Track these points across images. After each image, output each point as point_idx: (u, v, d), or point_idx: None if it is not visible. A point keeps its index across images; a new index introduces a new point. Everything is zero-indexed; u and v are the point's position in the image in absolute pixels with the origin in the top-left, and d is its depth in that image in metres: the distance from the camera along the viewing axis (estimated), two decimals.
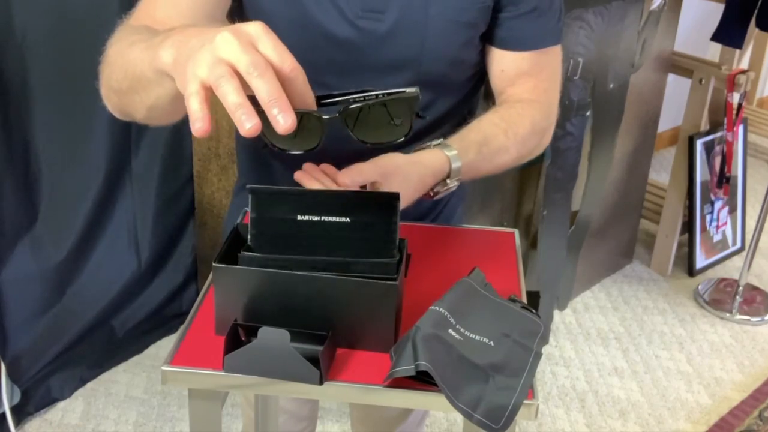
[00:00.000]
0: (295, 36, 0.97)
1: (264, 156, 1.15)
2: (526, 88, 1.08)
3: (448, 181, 0.97)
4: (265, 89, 0.63)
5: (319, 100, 0.77)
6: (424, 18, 0.99)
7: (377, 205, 0.84)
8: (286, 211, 0.84)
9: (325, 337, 0.80)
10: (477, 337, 0.81)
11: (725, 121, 2.70)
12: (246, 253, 0.84)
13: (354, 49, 0.99)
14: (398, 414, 1.36)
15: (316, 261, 0.83)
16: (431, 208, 1.18)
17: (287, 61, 0.66)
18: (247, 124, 0.63)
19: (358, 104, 0.78)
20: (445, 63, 1.02)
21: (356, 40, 0.99)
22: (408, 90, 0.79)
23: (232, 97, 0.63)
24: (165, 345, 2.37)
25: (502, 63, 1.07)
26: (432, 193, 0.98)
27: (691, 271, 2.93)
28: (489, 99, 1.15)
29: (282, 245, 0.84)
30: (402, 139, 0.81)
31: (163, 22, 0.89)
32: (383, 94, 0.78)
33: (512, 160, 1.08)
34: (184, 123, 2.41)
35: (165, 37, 0.72)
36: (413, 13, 0.98)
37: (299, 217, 0.84)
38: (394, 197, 0.84)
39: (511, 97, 1.08)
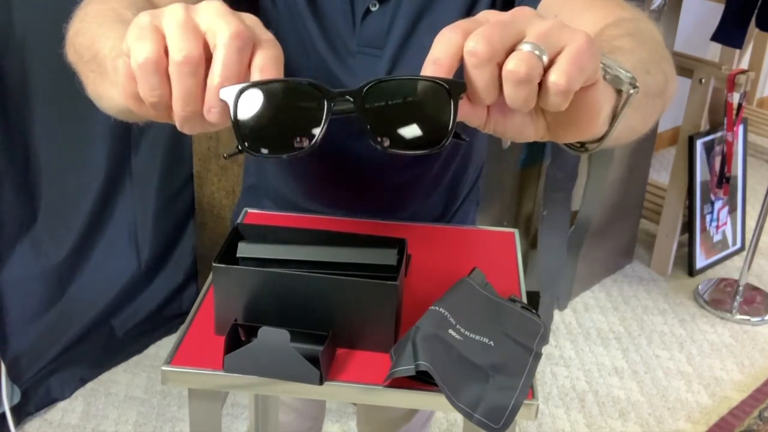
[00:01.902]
0: (302, 61, 0.96)
1: (270, 165, 1.13)
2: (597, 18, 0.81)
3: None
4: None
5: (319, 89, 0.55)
6: (422, 53, 0.96)
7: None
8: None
9: (325, 337, 0.80)
10: (477, 337, 0.81)
11: (725, 121, 2.70)
12: (245, 250, 0.84)
13: (351, 83, 0.96)
14: (403, 414, 1.35)
15: (316, 261, 0.83)
16: (442, 213, 1.17)
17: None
18: (140, 58, 0.51)
19: (382, 85, 0.54)
20: None
21: (355, 74, 0.96)
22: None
23: (140, 52, 0.52)
24: (165, 345, 2.37)
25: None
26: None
27: (691, 271, 2.93)
28: None
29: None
30: (439, 146, 0.55)
31: None
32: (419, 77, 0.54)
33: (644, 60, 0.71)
34: None
35: None
36: (410, 49, 0.95)
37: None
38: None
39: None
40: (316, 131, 0.54)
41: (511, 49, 0.52)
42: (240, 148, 0.53)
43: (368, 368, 0.81)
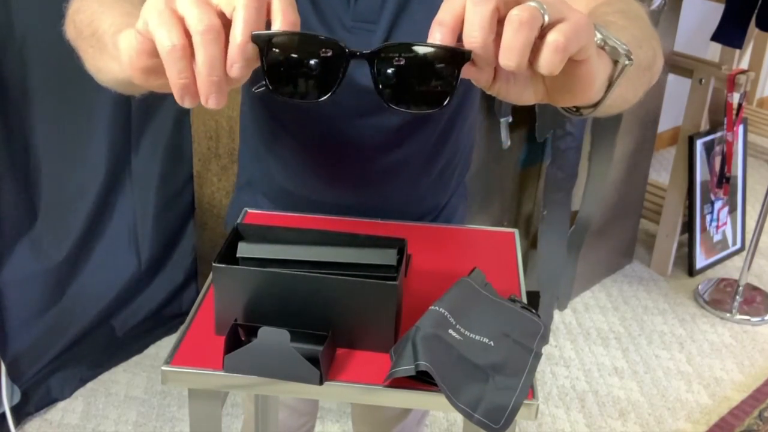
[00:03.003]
0: None
1: (265, 150, 1.15)
2: None
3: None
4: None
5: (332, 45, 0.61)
6: (415, 26, 0.96)
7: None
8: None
9: (325, 337, 0.80)
10: (477, 337, 0.81)
11: (725, 121, 2.70)
12: (244, 250, 0.84)
13: None
14: (398, 413, 1.36)
15: (316, 261, 0.83)
16: (432, 207, 1.18)
17: None
18: (167, 41, 0.56)
19: (397, 48, 0.59)
20: None
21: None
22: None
23: (168, 39, 0.56)
24: (165, 345, 2.37)
25: None
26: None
27: (691, 271, 2.93)
28: (488, 98, 1.14)
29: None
30: (440, 107, 0.62)
31: None
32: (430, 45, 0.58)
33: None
34: (184, 122, 2.41)
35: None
36: (403, 23, 0.96)
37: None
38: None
39: None
40: (333, 82, 0.60)
41: None
42: (268, 87, 0.60)
43: (368, 368, 0.81)
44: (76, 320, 2.16)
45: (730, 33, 2.61)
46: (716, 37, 2.65)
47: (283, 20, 0.58)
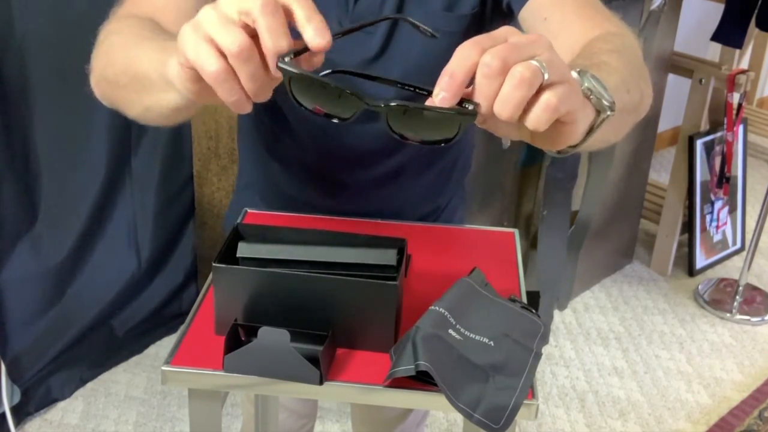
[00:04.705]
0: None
1: (265, 154, 1.15)
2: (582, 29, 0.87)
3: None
4: (299, 9, 0.62)
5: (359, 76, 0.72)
6: (412, 29, 0.97)
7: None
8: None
9: (325, 337, 0.80)
10: (477, 337, 0.81)
11: (725, 121, 2.70)
12: (244, 250, 0.84)
13: (341, 59, 0.98)
14: (398, 414, 1.36)
15: (316, 261, 0.83)
16: (431, 210, 1.18)
17: None
18: (208, 68, 0.60)
19: (406, 107, 0.64)
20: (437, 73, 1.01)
21: (346, 51, 0.96)
22: (469, 107, 0.62)
23: (209, 66, 0.60)
24: (165, 345, 2.37)
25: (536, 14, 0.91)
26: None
27: (691, 271, 2.93)
28: None
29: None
30: (445, 143, 0.65)
31: (165, 8, 0.87)
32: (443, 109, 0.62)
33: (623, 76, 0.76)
34: (184, 123, 2.40)
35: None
36: (402, 26, 0.97)
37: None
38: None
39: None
40: (347, 116, 0.66)
41: None
42: (292, 95, 0.65)
43: (368, 368, 0.81)
44: (76, 320, 2.16)
45: (730, 33, 2.61)
46: (716, 37, 2.65)
47: (311, 26, 0.62)
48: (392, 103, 0.62)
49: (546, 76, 0.58)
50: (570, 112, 0.60)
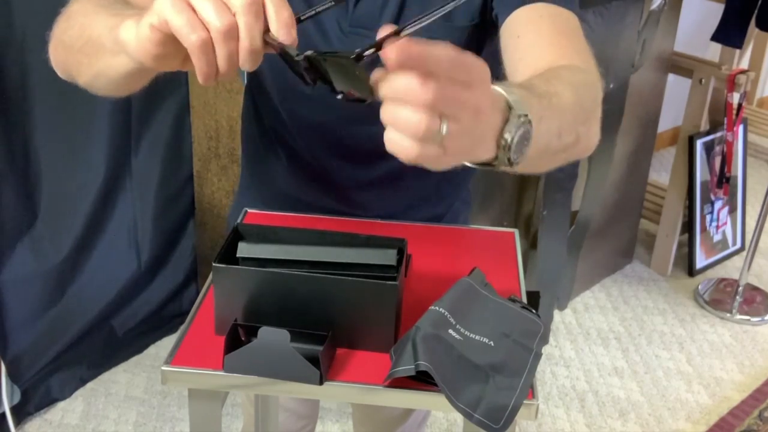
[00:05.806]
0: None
1: (265, 155, 1.15)
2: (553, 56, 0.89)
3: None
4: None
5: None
6: (412, 34, 0.97)
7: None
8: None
9: (325, 337, 0.80)
10: (477, 337, 0.81)
11: (725, 121, 2.70)
12: (244, 250, 0.84)
13: None
14: (399, 415, 1.36)
15: (316, 261, 0.83)
16: (434, 215, 1.17)
17: None
18: (193, 35, 0.62)
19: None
20: None
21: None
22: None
23: (196, 34, 0.63)
24: (165, 345, 2.37)
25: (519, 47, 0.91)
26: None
27: (691, 271, 2.93)
28: None
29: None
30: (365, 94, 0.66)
31: None
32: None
33: (573, 104, 0.79)
34: (184, 122, 2.40)
35: (137, 14, 0.71)
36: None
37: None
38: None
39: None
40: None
41: None
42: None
43: (368, 368, 0.81)
44: (76, 320, 2.16)
45: (730, 33, 2.62)
46: (716, 37, 2.65)
47: (277, 20, 0.65)
48: (308, 53, 0.66)
49: (444, 128, 0.58)
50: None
